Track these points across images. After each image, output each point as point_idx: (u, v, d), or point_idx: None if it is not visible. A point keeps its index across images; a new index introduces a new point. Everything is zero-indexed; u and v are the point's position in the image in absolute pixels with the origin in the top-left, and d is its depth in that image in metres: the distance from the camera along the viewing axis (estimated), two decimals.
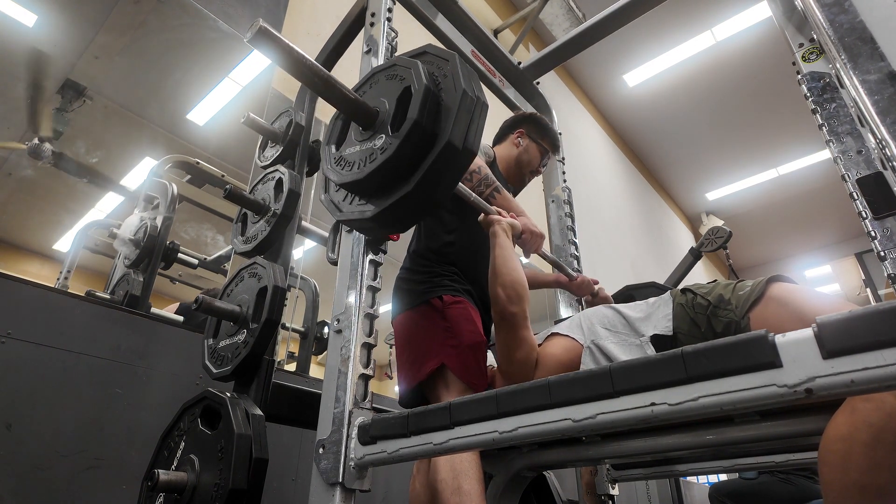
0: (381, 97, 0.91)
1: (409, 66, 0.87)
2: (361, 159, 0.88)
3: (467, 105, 0.82)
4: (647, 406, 0.58)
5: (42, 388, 1.37)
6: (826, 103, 1.01)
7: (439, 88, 0.85)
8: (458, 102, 0.81)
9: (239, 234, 1.57)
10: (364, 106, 0.88)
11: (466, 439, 0.74)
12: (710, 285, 1.18)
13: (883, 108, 0.84)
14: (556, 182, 2.18)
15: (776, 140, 7.73)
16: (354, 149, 0.92)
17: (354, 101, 0.88)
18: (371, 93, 0.94)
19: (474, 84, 0.85)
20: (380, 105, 0.90)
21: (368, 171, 0.85)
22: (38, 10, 2.01)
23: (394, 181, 0.85)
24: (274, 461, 1.23)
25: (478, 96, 0.84)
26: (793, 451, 1.31)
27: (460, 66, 0.84)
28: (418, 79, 0.84)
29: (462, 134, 0.81)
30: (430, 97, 0.82)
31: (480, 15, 4.89)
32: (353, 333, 0.99)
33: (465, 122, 0.81)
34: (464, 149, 0.82)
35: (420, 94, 0.82)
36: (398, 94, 0.88)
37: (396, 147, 0.82)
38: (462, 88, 0.81)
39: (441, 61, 0.88)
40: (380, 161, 0.84)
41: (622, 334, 1.18)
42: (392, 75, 0.91)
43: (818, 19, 0.98)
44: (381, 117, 0.88)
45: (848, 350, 0.47)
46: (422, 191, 0.82)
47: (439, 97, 0.84)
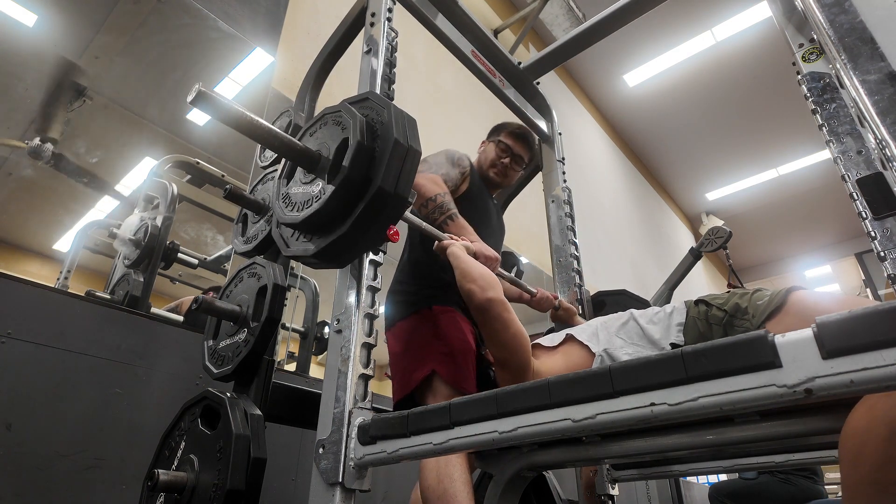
0: (327, 141, 0.98)
1: (350, 117, 0.94)
2: (302, 202, 0.96)
3: (399, 153, 0.89)
4: (647, 406, 0.58)
5: (42, 388, 1.37)
6: (826, 103, 1.01)
7: (375, 135, 0.92)
8: (391, 150, 0.87)
9: (239, 234, 1.57)
10: (308, 153, 0.97)
11: (466, 439, 0.74)
12: (725, 295, 1.16)
13: (883, 109, 0.84)
14: (556, 182, 2.18)
15: (776, 140, 7.73)
16: (298, 189, 1.00)
17: (299, 149, 0.97)
18: (319, 133, 1.02)
19: (409, 132, 0.91)
20: (323, 149, 0.97)
21: (305, 215, 0.94)
22: (38, 10, 2.01)
23: (331, 223, 0.92)
24: (274, 461, 1.23)
25: (410, 144, 0.90)
26: (793, 452, 1.31)
27: (394, 115, 0.91)
28: (354, 133, 0.91)
29: (393, 180, 0.88)
30: (362, 151, 0.90)
31: (480, 15, 4.89)
32: (353, 333, 0.99)
33: (397, 168, 0.88)
34: (395, 194, 0.88)
35: (353, 148, 0.89)
36: (338, 142, 0.95)
37: (330, 195, 0.90)
38: (394, 138, 0.88)
39: (380, 108, 0.95)
40: (316, 207, 0.92)
41: (638, 346, 1.18)
42: (337, 121, 0.98)
43: (818, 19, 0.98)
44: (322, 163, 0.95)
45: (847, 350, 0.47)
46: (357, 232, 0.89)
47: (374, 147, 0.92)
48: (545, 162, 2.27)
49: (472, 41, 1.96)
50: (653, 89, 6.93)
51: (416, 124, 0.94)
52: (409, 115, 0.93)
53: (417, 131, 0.94)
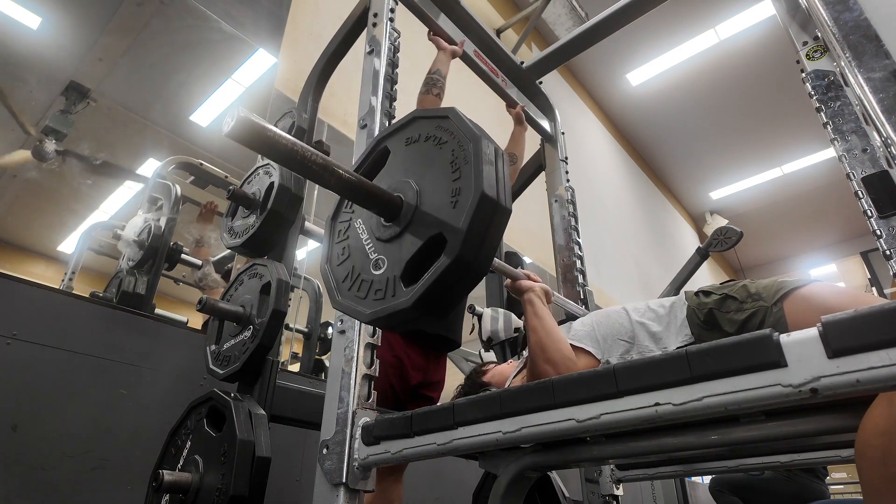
0: (410, 177, 0.74)
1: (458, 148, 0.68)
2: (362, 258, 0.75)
3: (485, 210, 0.63)
4: (652, 406, 0.58)
5: (47, 389, 1.37)
6: (830, 101, 1.01)
7: (459, 177, 0.66)
8: (475, 206, 0.62)
9: (228, 228, 1.55)
10: (386, 197, 0.71)
11: (470, 439, 0.74)
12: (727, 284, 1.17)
13: (888, 106, 0.84)
14: (559, 182, 2.18)
15: (780, 138, 7.70)
16: (370, 247, 0.75)
17: (366, 188, 0.71)
18: (403, 158, 0.78)
19: (499, 181, 0.65)
20: (406, 189, 0.72)
21: (362, 280, 0.74)
22: (42, 13, 2.02)
23: (404, 284, 0.70)
24: (278, 462, 1.24)
25: (499, 200, 0.64)
26: (798, 451, 1.30)
27: (484, 155, 0.65)
28: (472, 186, 0.64)
29: (474, 248, 0.63)
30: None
31: (483, 14, 4.89)
32: (357, 334, 0.99)
33: (480, 232, 0.63)
34: (475, 266, 0.64)
35: (474, 208, 0.63)
36: (434, 182, 0.70)
37: (411, 257, 0.68)
38: (481, 191, 0.62)
39: (463, 138, 0.68)
40: (373, 275, 0.72)
41: (642, 346, 1.17)
42: (432, 150, 0.73)
43: (822, 17, 0.98)
44: (405, 211, 0.71)
45: (853, 349, 0.47)
46: (419, 309, 0.65)
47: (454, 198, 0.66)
48: (548, 162, 2.26)
49: (474, 41, 1.96)
50: (656, 88, 6.91)
51: (507, 164, 0.68)
52: (500, 149, 0.67)
53: (508, 176, 0.68)
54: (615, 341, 1.20)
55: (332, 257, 0.81)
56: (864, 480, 0.72)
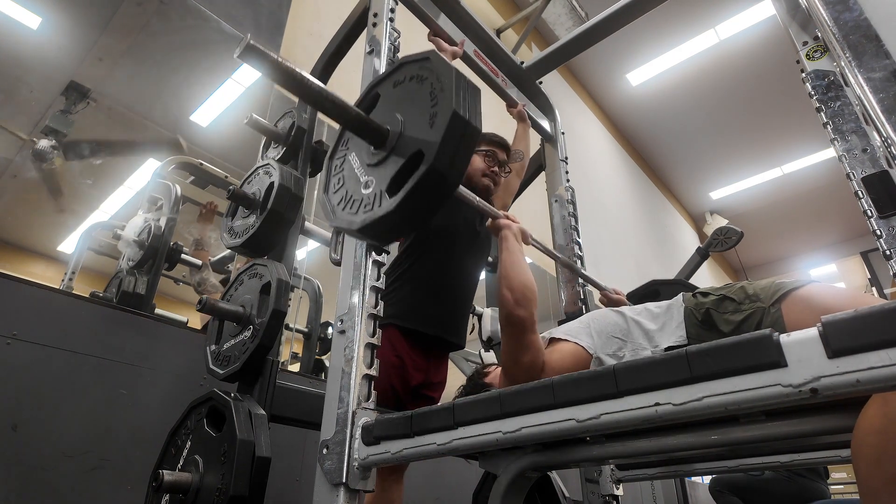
0: (396, 111, 0.87)
1: (433, 78, 0.82)
2: (364, 198, 0.86)
3: (456, 128, 0.75)
4: (652, 406, 0.58)
5: (47, 389, 1.37)
6: (830, 101, 1.01)
7: (435, 103, 0.79)
8: (447, 124, 0.74)
9: (228, 228, 1.55)
10: (371, 123, 0.84)
11: (470, 440, 0.74)
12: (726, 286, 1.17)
13: (888, 107, 0.84)
14: (560, 182, 2.18)
15: (780, 138, 7.70)
16: (361, 172, 0.89)
17: (359, 117, 0.84)
18: (394, 95, 0.90)
19: (470, 105, 0.78)
20: (392, 122, 0.86)
21: (360, 195, 0.86)
22: (43, 13, 2.02)
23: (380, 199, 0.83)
24: (278, 462, 1.24)
25: (469, 119, 0.77)
26: (798, 452, 1.30)
27: (456, 83, 0.78)
28: (447, 102, 0.77)
29: (447, 159, 0.75)
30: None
31: (483, 14, 4.89)
32: (357, 334, 0.99)
33: (453, 147, 0.75)
34: (448, 176, 0.76)
35: (445, 125, 0.76)
36: (412, 114, 0.83)
37: (395, 173, 0.80)
38: (452, 110, 0.74)
39: (441, 71, 0.81)
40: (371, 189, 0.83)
41: (635, 344, 1.17)
42: (415, 86, 0.86)
43: (822, 17, 0.98)
44: (391, 137, 0.83)
45: (853, 349, 0.47)
46: (402, 213, 0.78)
47: (432, 116, 0.79)
48: (548, 162, 2.27)
49: (474, 41, 1.96)
50: (656, 88, 6.91)
51: (480, 95, 0.81)
52: (473, 85, 0.79)
53: (480, 105, 0.80)
54: (609, 338, 1.21)
55: (329, 187, 0.94)
56: (861, 480, 0.72)
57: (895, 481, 0.67)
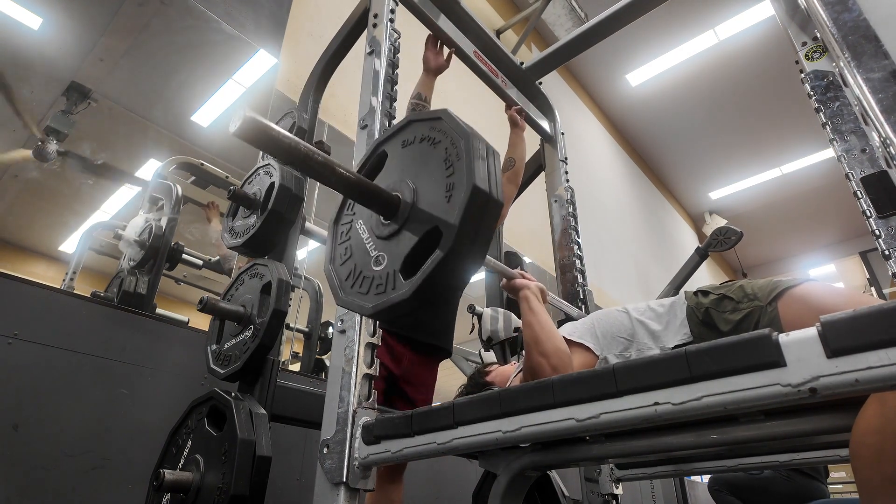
0: (406, 177, 0.77)
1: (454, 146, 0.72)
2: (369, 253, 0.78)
3: (477, 204, 0.66)
4: (651, 406, 0.58)
5: (48, 388, 1.37)
6: (829, 102, 1.01)
7: (451, 173, 0.70)
8: (467, 200, 0.65)
9: (230, 228, 1.56)
10: (384, 196, 0.75)
11: (470, 439, 0.74)
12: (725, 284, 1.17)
13: (887, 107, 0.84)
14: (559, 182, 2.18)
15: (779, 139, 7.70)
16: (371, 245, 0.79)
17: (366, 187, 0.74)
18: (398, 161, 0.82)
19: (490, 174, 0.68)
20: (404, 188, 0.76)
21: (372, 274, 0.76)
22: (43, 13, 2.02)
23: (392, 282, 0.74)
24: (279, 461, 1.24)
25: (491, 193, 0.67)
26: (797, 451, 1.30)
27: (475, 150, 0.69)
28: (468, 177, 0.67)
29: (468, 241, 0.66)
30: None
31: (483, 15, 4.89)
32: (357, 333, 0.99)
33: (473, 226, 0.66)
34: (469, 258, 0.67)
35: (466, 201, 0.65)
36: (426, 183, 0.74)
37: (409, 251, 0.71)
38: (473, 184, 0.66)
39: (455, 136, 0.73)
40: (382, 267, 0.74)
41: (641, 344, 1.18)
42: (427, 148, 0.76)
43: (821, 18, 0.98)
44: (403, 210, 0.74)
45: (852, 349, 0.47)
46: (417, 300, 0.68)
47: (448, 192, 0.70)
48: (548, 162, 2.27)
49: (474, 41, 1.96)
50: (655, 88, 6.91)
51: (499, 159, 0.72)
52: (492, 148, 0.70)
53: (500, 170, 0.71)
54: (614, 338, 1.21)
55: (336, 258, 0.84)
56: (859, 479, 0.72)
57: (893, 480, 0.67)
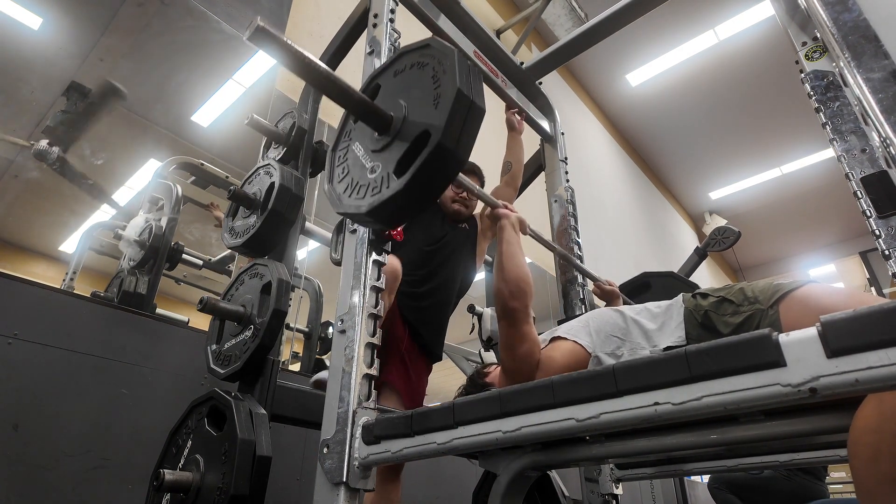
0: (398, 97, 0.89)
1: (436, 62, 0.86)
2: (374, 171, 0.88)
3: (462, 106, 0.77)
4: (651, 406, 0.58)
5: (48, 388, 1.37)
6: (829, 102, 1.01)
7: (437, 84, 0.82)
8: (452, 102, 0.76)
9: (229, 228, 1.56)
10: (376, 108, 0.86)
11: (470, 439, 0.74)
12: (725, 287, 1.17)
13: (887, 107, 0.84)
14: (559, 182, 2.18)
15: (779, 139, 7.70)
16: (366, 159, 0.90)
17: (364, 101, 0.86)
18: (392, 85, 0.93)
19: (473, 85, 0.80)
20: (395, 107, 0.88)
21: (370, 180, 0.86)
22: (43, 13, 2.02)
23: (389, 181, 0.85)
24: (278, 461, 1.24)
25: (473, 98, 0.79)
26: (797, 451, 1.30)
27: (458, 64, 0.80)
28: (450, 81, 0.80)
29: (454, 136, 0.77)
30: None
31: (483, 15, 4.89)
32: (357, 333, 0.99)
33: (458, 124, 0.77)
34: (455, 151, 0.78)
35: (450, 105, 0.79)
36: (415, 99, 0.86)
37: (403, 153, 0.81)
38: (457, 88, 0.77)
39: (441, 55, 0.84)
40: (380, 173, 0.84)
41: (633, 343, 1.18)
42: (417, 72, 0.88)
43: (821, 17, 0.98)
44: (395, 123, 0.85)
45: (852, 349, 0.47)
46: (411, 191, 0.79)
47: (436, 97, 0.82)
48: (548, 162, 2.27)
49: (474, 41, 1.96)
50: (655, 89, 6.91)
51: (482, 77, 0.83)
52: (475, 66, 0.82)
53: (482, 85, 0.83)
54: (608, 336, 1.21)
55: (334, 178, 0.95)
56: (857, 479, 0.72)
57: (891, 480, 0.67)
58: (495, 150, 2.15)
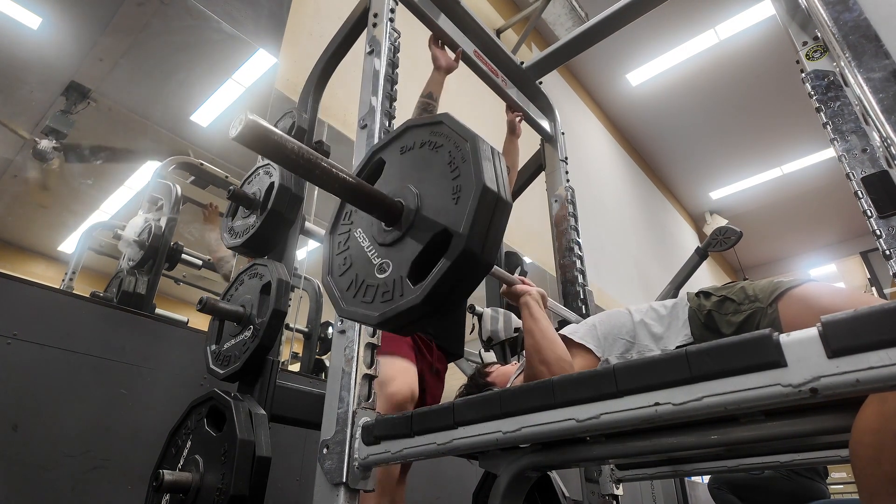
0: (409, 181, 0.75)
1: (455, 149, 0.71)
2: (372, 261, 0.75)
3: (487, 203, 0.65)
4: (651, 406, 0.58)
5: (48, 388, 1.37)
6: (830, 101, 1.01)
7: (457, 176, 0.69)
8: (478, 199, 0.64)
9: (229, 228, 1.56)
10: (387, 202, 0.73)
11: (470, 439, 0.74)
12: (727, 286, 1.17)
13: (888, 107, 0.84)
14: (559, 182, 2.18)
15: (780, 138, 7.70)
16: (372, 254, 0.76)
17: (371, 192, 0.72)
18: (400, 166, 0.79)
19: (498, 175, 0.68)
20: (407, 194, 0.74)
21: (375, 283, 0.73)
22: (43, 13, 2.02)
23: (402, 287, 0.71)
24: (278, 461, 1.24)
25: (500, 193, 0.66)
26: (798, 451, 1.30)
27: (481, 152, 0.68)
28: (477, 186, 0.65)
29: (480, 239, 0.64)
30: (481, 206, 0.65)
31: (483, 15, 4.89)
32: (357, 334, 0.99)
33: (484, 224, 0.65)
34: (482, 257, 0.65)
35: (474, 206, 0.64)
36: (429, 189, 0.72)
37: (415, 258, 0.69)
38: (483, 184, 0.65)
39: (459, 139, 0.72)
40: (388, 274, 0.72)
41: (641, 346, 1.18)
42: (426, 154, 0.74)
43: (822, 17, 0.98)
44: (406, 213, 0.72)
45: (853, 349, 0.47)
46: (430, 304, 0.67)
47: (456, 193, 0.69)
48: (548, 162, 2.27)
49: (474, 41, 1.96)
50: (656, 88, 6.91)
51: (503, 160, 0.71)
52: (496, 150, 0.69)
53: (506, 172, 0.71)
54: (616, 340, 1.21)
55: (334, 269, 0.80)
56: (859, 479, 0.72)
57: (892, 480, 0.67)
58: None
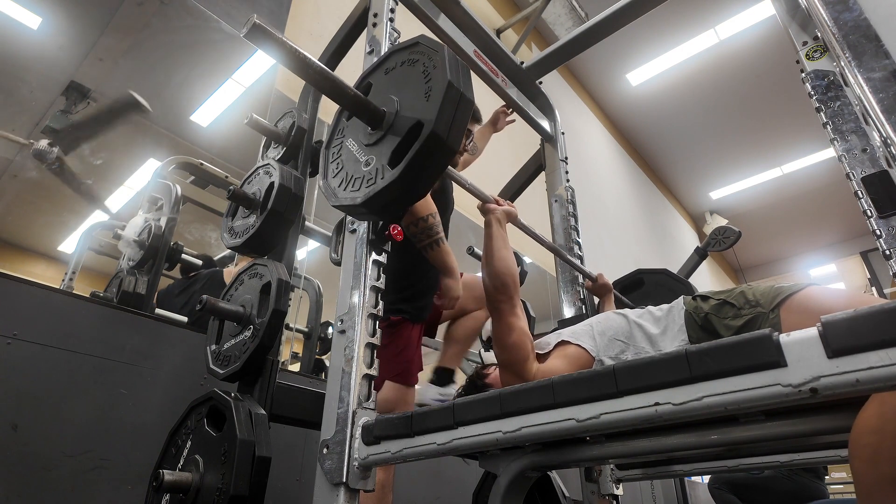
0: (392, 93, 0.92)
1: (430, 59, 0.90)
2: (367, 163, 0.91)
3: (452, 97, 0.82)
4: (651, 406, 0.58)
5: (48, 388, 1.37)
6: (830, 101, 1.01)
7: (428, 79, 0.86)
8: (444, 94, 0.81)
9: (228, 228, 1.55)
10: (368, 103, 0.90)
11: (470, 439, 0.74)
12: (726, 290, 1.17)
13: (888, 106, 0.84)
14: (559, 182, 2.18)
15: (780, 138, 7.70)
16: (360, 153, 0.94)
17: (357, 97, 0.89)
18: (385, 82, 0.96)
19: (462, 78, 0.85)
20: (388, 103, 0.91)
21: (366, 171, 0.90)
22: (43, 13, 2.02)
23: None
24: (278, 461, 1.23)
25: (463, 90, 0.83)
26: (798, 451, 1.30)
27: (448, 59, 0.85)
28: (442, 75, 0.84)
29: (446, 126, 0.81)
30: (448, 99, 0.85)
31: (483, 15, 4.89)
32: (357, 334, 0.99)
33: (449, 114, 0.82)
34: (447, 141, 0.82)
35: (441, 95, 0.84)
36: (407, 95, 0.90)
37: (396, 146, 0.85)
38: (447, 80, 0.81)
39: (431, 51, 0.89)
40: (377, 162, 0.87)
41: (637, 347, 1.18)
42: (409, 70, 0.91)
43: (822, 17, 0.98)
44: (388, 117, 0.89)
45: (853, 349, 0.47)
46: (405, 181, 0.83)
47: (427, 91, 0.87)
48: (548, 161, 2.27)
49: (474, 41, 1.96)
50: (656, 88, 6.91)
51: (470, 73, 0.87)
52: (464, 63, 0.86)
53: (471, 80, 0.87)
54: (611, 340, 1.21)
55: (328, 174, 0.99)
56: (857, 479, 0.72)
57: (891, 481, 0.67)
58: (495, 149, 2.15)
